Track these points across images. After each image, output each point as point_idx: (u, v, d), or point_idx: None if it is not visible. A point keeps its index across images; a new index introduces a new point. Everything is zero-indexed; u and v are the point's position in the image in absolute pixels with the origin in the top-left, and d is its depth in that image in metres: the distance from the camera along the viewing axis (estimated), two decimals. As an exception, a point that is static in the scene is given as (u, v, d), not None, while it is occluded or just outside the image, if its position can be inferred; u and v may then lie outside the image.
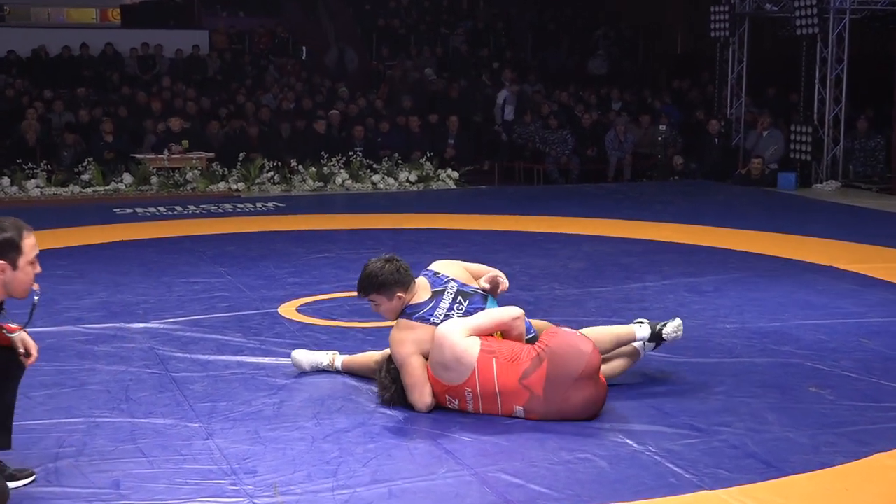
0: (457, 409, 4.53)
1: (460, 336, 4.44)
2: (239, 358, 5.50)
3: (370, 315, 5.33)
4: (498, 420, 4.44)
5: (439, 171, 14.57)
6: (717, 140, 15.27)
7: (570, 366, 4.32)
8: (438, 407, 4.59)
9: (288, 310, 6.61)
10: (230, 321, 6.31)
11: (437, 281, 4.80)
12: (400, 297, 4.70)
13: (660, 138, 15.61)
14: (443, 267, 4.92)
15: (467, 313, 4.69)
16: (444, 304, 4.71)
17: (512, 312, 4.64)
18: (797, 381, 5.05)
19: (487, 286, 4.93)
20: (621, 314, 6.46)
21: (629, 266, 8.09)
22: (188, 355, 5.55)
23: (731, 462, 4.00)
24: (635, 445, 4.16)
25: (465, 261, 5.13)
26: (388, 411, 4.59)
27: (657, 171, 15.39)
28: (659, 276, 7.65)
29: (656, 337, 4.89)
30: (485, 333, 4.52)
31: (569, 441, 4.21)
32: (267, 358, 5.48)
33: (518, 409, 4.38)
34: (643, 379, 5.04)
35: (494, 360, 4.40)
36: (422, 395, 4.55)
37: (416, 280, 4.80)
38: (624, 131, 16.06)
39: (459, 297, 4.75)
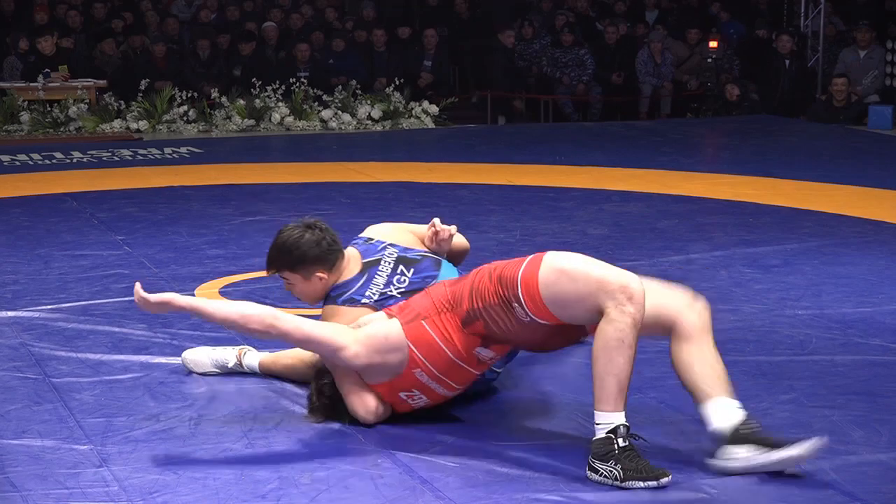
0: (422, 405, 4.55)
1: (361, 337, 4.44)
2: (142, 358, 5.50)
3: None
4: (489, 438, 4.46)
5: (412, 104, 14.56)
6: (788, 62, 15.29)
7: (513, 340, 4.39)
8: (400, 415, 4.61)
9: (208, 292, 6.61)
10: (130, 308, 6.28)
11: (370, 248, 4.84)
12: (321, 278, 4.73)
13: (710, 59, 15.63)
14: (379, 231, 4.94)
15: (412, 285, 4.70)
16: (380, 279, 4.72)
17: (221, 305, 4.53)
18: (892, 385, 5.09)
19: (430, 232, 4.90)
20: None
21: (668, 232, 8.12)
22: (73, 354, 5.54)
23: (804, 494, 4.03)
24: (676, 474, 4.17)
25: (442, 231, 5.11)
26: (344, 427, 4.61)
27: (706, 104, 15.43)
28: (708, 246, 7.69)
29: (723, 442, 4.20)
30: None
31: (584, 469, 4.23)
32: (180, 358, 5.47)
33: (480, 351, 4.41)
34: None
35: (423, 321, 4.42)
36: (363, 402, 4.55)
37: (346, 251, 4.82)
38: (661, 51, 16.07)
39: (401, 267, 4.77)
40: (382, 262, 4.78)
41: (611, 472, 4.01)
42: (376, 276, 4.74)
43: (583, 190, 9.72)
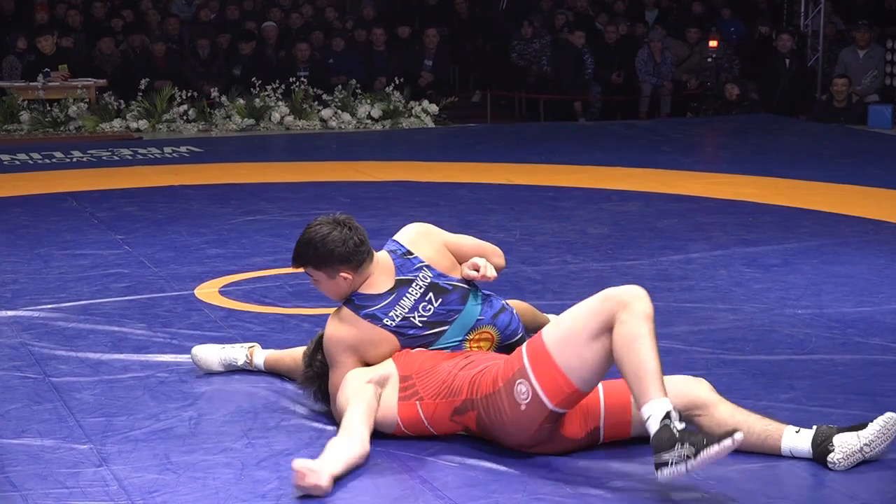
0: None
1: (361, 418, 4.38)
2: (142, 357, 5.50)
3: (320, 299, 5.34)
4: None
5: (412, 103, 14.56)
6: (788, 61, 15.28)
7: (503, 438, 4.34)
8: None
9: (208, 291, 6.62)
10: (130, 307, 6.31)
11: (407, 265, 4.66)
12: (346, 279, 4.57)
13: (710, 59, 15.63)
14: (417, 241, 4.74)
15: (435, 315, 4.61)
16: (407, 303, 4.59)
17: (354, 449, 4.24)
18: (892, 384, 5.09)
19: (472, 274, 4.72)
20: (657, 296, 6.44)
21: (668, 231, 8.12)
22: (73, 353, 5.55)
23: (803, 494, 4.03)
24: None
25: (448, 228, 5.05)
26: (344, 427, 4.61)
27: (706, 103, 15.43)
28: (708, 245, 7.69)
29: (818, 447, 4.18)
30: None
31: (584, 468, 4.23)
32: (180, 357, 5.47)
33: (461, 430, 4.45)
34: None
35: (417, 402, 4.43)
36: (339, 415, 4.47)
37: (377, 256, 4.67)
38: (661, 50, 16.07)
39: (431, 294, 4.62)
40: (413, 285, 4.62)
41: (681, 454, 3.83)
42: (404, 299, 4.59)
43: (582, 189, 9.72)
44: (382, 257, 4.68)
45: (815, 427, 4.20)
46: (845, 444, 4.13)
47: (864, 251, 7.51)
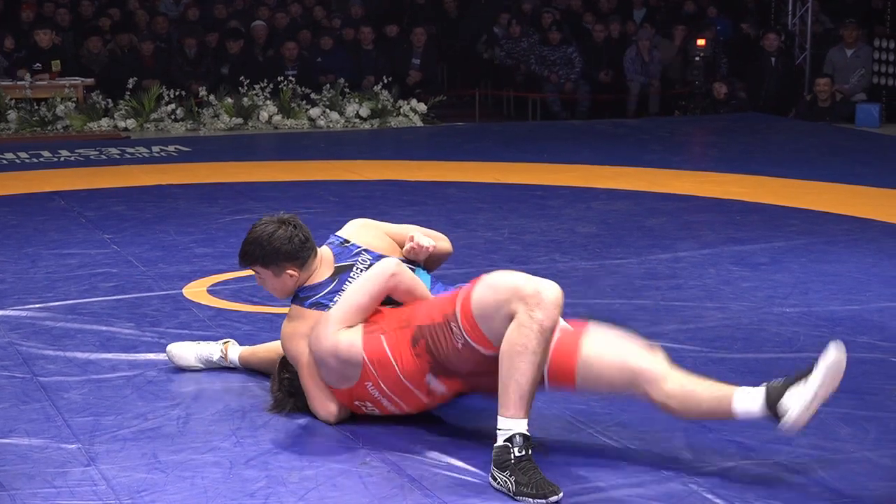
0: (376, 413, 4.56)
1: (334, 336, 4.43)
2: (130, 356, 5.50)
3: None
4: (477, 437, 4.47)
5: (400, 102, 14.56)
6: (774, 60, 15.31)
7: (452, 364, 4.35)
8: (359, 416, 4.62)
9: (196, 291, 6.61)
10: (118, 307, 6.30)
11: (345, 252, 4.79)
12: (291, 276, 4.69)
13: (697, 58, 15.65)
14: (356, 232, 4.89)
15: None
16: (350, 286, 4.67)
17: (385, 270, 4.52)
18: (879, 383, 5.11)
19: (408, 245, 4.85)
20: (646, 294, 6.50)
21: (656, 230, 8.13)
22: (61, 353, 5.54)
23: (791, 492, 4.04)
24: (663, 470, 4.20)
25: (437, 227, 5.11)
26: (332, 426, 4.61)
27: (694, 102, 15.45)
28: (696, 244, 7.70)
29: (772, 409, 4.04)
30: (367, 314, 4.50)
31: (577, 466, 4.24)
32: (165, 352, 5.47)
33: (430, 379, 4.41)
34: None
35: (381, 335, 4.42)
36: (323, 404, 4.60)
37: (319, 251, 4.79)
38: (649, 49, 16.09)
39: None
40: (354, 269, 4.74)
41: (506, 482, 3.95)
42: (346, 283, 4.69)
43: (571, 188, 9.73)
44: (324, 251, 4.82)
45: (764, 385, 4.06)
46: (800, 397, 3.98)
47: (851, 249, 7.53)
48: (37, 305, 6.32)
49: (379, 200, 9.15)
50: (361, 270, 4.72)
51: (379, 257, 4.76)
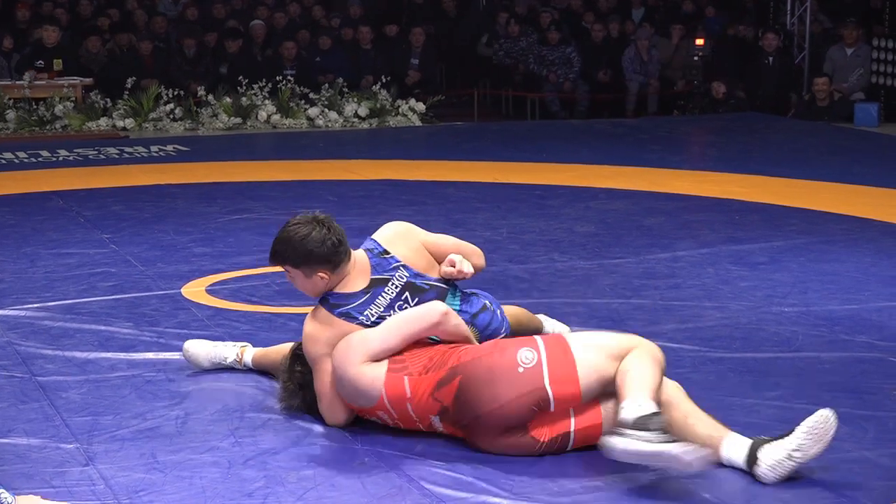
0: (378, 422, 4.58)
1: (358, 367, 4.42)
2: (129, 356, 5.50)
3: (307, 298, 5.33)
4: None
5: (399, 102, 14.55)
6: (771, 60, 15.30)
7: (478, 401, 4.31)
8: (358, 417, 4.62)
9: (194, 290, 6.61)
10: (117, 306, 6.30)
11: (383, 264, 4.65)
12: (322, 278, 4.57)
13: (696, 57, 15.65)
14: (394, 241, 4.73)
15: None
16: (382, 302, 4.58)
17: (429, 318, 4.46)
18: (878, 382, 5.11)
19: (449, 270, 4.75)
20: (644, 294, 6.50)
21: (655, 229, 8.13)
22: (60, 352, 5.54)
23: (789, 491, 4.04)
24: (661, 471, 4.19)
25: (435, 227, 5.08)
26: (330, 426, 4.61)
27: (692, 101, 15.45)
28: (695, 243, 7.70)
29: (751, 462, 4.11)
30: (392, 353, 4.47)
31: (575, 465, 4.24)
32: (167, 355, 5.48)
33: (434, 419, 4.42)
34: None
35: (406, 377, 4.41)
36: (333, 411, 4.57)
37: (354, 255, 4.65)
38: (648, 48, 16.08)
39: (407, 294, 4.62)
40: (390, 284, 4.61)
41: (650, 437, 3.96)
42: (379, 297, 4.59)
43: (570, 188, 9.72)
44: (359, 256, 4.67)
45: (752, 439, 4.13)
46: (770, 455, 4.05)
47: (850, 249, 7.53)
48: (35, 305, 6.31)
49: (377, 200, 9.14)
50: (397, 287, 4.61)
51: (416, 276, 4.66)
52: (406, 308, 4.59)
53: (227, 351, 5.29)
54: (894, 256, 7.34)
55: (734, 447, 4.14)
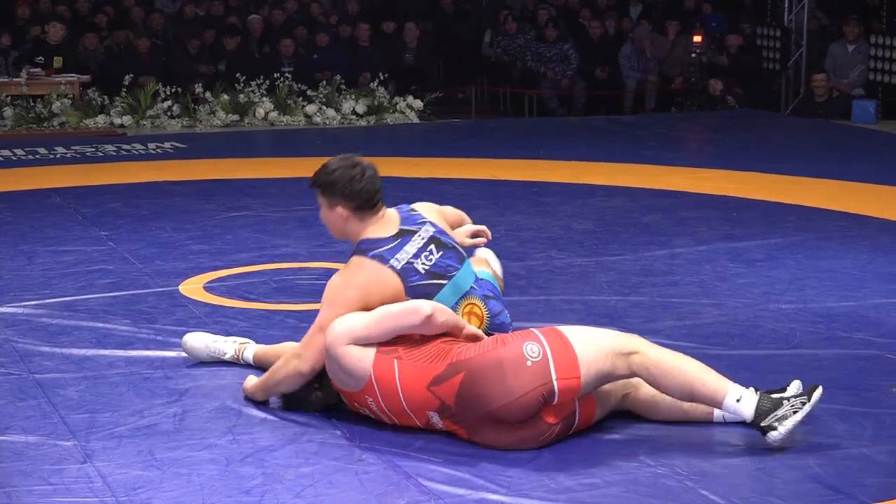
0: (367, 413, 4.56)
1: (343, 348, 4.42)
2: (126, 353, 5.50)
3: (305, 295, 5.35)
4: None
5: (397, 99, 14.55)
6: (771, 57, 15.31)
7: (489, 396, 4.30)
8: (355, 414, 4.61)
9: (192, 288, 6.61)
10: (114, 303, 6.30)
11: (411, 218, 4.86)
12: (341, 214, 4.78)
13: (694, 54, 15.65)
14: (422, 207, 5.00)
15: (435, 267, 4.73)
16: (411, 249, 4.74)
17: (411, 318, 4.46)
18: (875, 379, 5.11)
19: (478, 241, 5.17)
20: (642, 291, 6.51)
21: (652, 226, 8.13)
22: (57, 350, 5.54)
23: (787, 488, 4.04)
24: (658, 468, 4.20)
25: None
26: (328, 423, 4.61)
27: (690, 98, 15.45)
28: (692, 240, 7.70)
29: (759, 422, 4.29)
30: (375, 342, 4.46)
31: (572, 462, 4.24)
32: (164, 352, 5.48)
33: (432, 415, 4.41)
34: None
35: (395, 360, 4.41)
36: (307, 347, 4.63)
37: (386, 210, 4.86)
38: (646, 45, 16.08)
39: (432, 246, 4.79)
40: (416, 235, 4.79)
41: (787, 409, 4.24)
42: (408, 245, 4.74)
43: (567, 184, 9.72)
44: (390, 211, 4.90)
45: (758, 395, 4.31)
46: (788, 421, 4.25)
47: (847, 246, 7.53)
48: (33, 302, 6.31)
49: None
50: (423, 238, 4.78)
51: (441, 232, 4.84)
52: (430, 258, 4.75)
53: (227, 346, 5.30)
54: (891, 253, 7.34)
55: (741, 400, 4.32)
